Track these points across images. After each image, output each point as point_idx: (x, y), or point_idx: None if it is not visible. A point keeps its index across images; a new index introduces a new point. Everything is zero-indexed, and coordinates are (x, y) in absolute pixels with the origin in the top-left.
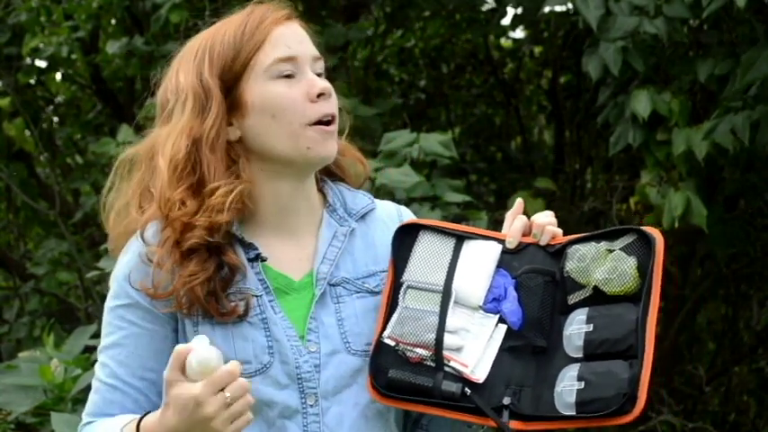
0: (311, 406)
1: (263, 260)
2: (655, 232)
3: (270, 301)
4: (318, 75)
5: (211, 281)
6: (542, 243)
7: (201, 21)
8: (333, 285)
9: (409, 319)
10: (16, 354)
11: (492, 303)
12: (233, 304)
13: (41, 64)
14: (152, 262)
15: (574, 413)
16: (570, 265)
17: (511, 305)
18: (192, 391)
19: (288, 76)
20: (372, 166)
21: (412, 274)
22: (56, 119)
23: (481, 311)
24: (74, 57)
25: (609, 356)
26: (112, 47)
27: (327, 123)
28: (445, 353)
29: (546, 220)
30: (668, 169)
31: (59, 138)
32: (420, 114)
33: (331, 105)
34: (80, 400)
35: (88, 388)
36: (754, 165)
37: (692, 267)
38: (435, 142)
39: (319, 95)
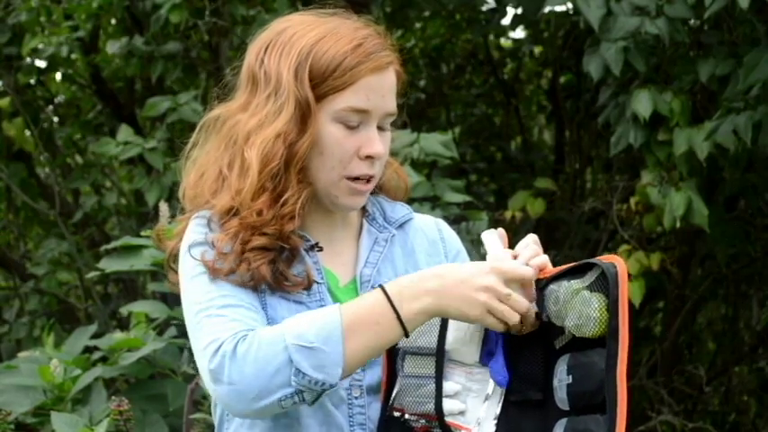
0: (356, 398)
1: (320, 249)
2: (616, 262)
3: (327, 291)
4: (382, 129)
5: (276, 262)
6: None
7: (201, 20)
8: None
9: (410, 388)
10: (16, 354)
11: (488, 357)
12: (299, 278)
13: (41, 64)
14: (214, 246)
15: None
16: (549, 309)
17: (496, 363)
18: (485, 263)
19: (351, 126)
20: None
21: (406, 339)
22: (56, 119)
23: (480, 366)
24: (74, 57)
25: (589, 410)
26: (112, 47)
27: (364, 181)
28: (448, 419)
29: (528, 254)
30: (669, 169)
31: (59, 138)
32: (420, 114)
33: (374, 169)
34: (80, 400)
35: (88, 388)
36: (754, 165)
37: (692, 267)
38: (435, 142)
39: (368, 157)
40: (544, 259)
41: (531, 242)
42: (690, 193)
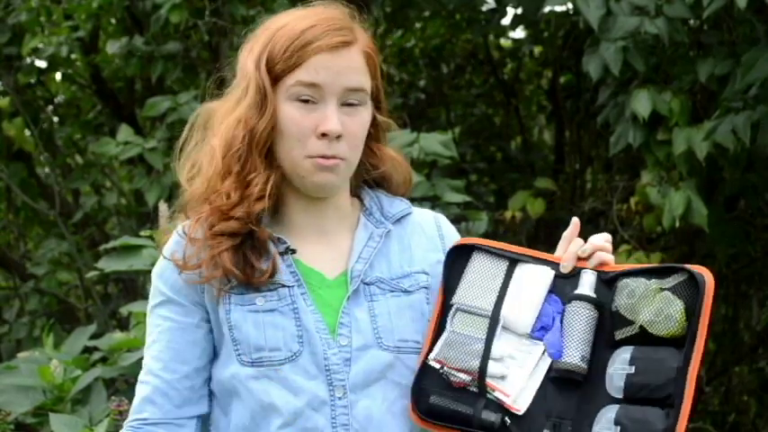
0: (339, 398)
1: (293, 252)
2: (705, 273)
3: (302, 293)
4: (351, 104)
5: (239, 249)
6: (590, 266)
7: (201, 21)
8: (367, 284)
9: (456, 344)
10: (16, 354)
11: (540, 332)
12: (264, 266)
13: (41, 64)
14: (186, 235)
15: None
16: (619, 300)
17: (552, 336)
18: None
19: (306, 101)
20: None
21: (462, 296)
22: (56, 119)
23: (529, 339)
24: (74, 57)
25: (647, 402)
26: (112, 47)
27: (328, 157)
28: (488, 381)
29: (598, 244)
30: (668, 169)
31: (59, 138)
32: (420, 114)
33: (334, 148)
34: (79, 400)
35: (88, 388)
36: (754, 165)
37: None
38: (435, 142)
39: (324, 135)
40: (608, 257)
41: (605, 237)
42: (689, 192)
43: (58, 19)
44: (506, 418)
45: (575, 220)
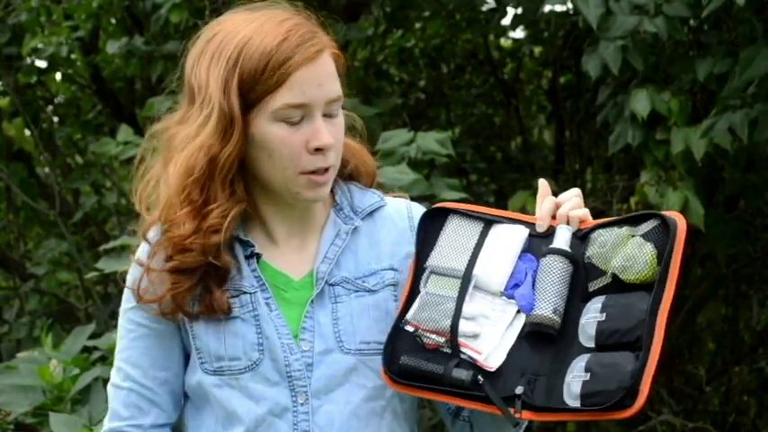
0: (302, 404)
1: (258, 256)
2: (677, 217)
3: (266, 298)
4: (330, 116)
5: (199, 284)
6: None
7: (201, 21)
8: (332, 285)
9: (429, 305)
10: (16, 354)
11: (513, 289)
12: (225, 298)
13: (41, 64)
14: (143, 266)
15: (578, 405)
16: (591, 251)
17: (524, 290)
18: None
19: (293, 122)
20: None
21: (436, 259)
22: (56, 119)
23: (503, 297)
24: (74, 57)
25: (618, 347)
26: (112, 47)
27: (322, 172)
28: (460, 339)
29: (570, 205)
30: (668, 169)
31: (59, 138)
32: (420, 114)
33: (327, 160)
34: (79, 400)
35: (87, 388)
36: (754, 164)
37: (692, 267)
38: (432, 140)
39: (317, 150)
40: (585, 212)
41: (575, 192)
42: (687, 192)
43: (58, 19)
44: (479, 377)
45: (541, 181)
